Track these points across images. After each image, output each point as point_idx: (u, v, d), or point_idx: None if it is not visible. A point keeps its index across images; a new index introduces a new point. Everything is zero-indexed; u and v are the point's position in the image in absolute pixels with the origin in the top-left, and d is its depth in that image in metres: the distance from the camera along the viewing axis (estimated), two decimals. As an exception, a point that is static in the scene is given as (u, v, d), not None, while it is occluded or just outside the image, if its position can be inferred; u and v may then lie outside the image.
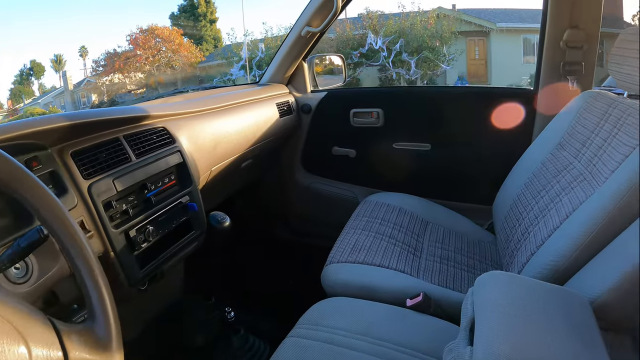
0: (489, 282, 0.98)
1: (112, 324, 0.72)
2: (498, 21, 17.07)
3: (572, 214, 1.28)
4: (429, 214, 2.01)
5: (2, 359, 0.55)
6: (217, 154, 1.86)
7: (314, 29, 2.26)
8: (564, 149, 1.55)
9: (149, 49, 22.15)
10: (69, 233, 0.75)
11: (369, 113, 2.47)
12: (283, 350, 1.23)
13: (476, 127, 2.29)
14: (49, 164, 1.18)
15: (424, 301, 1.37)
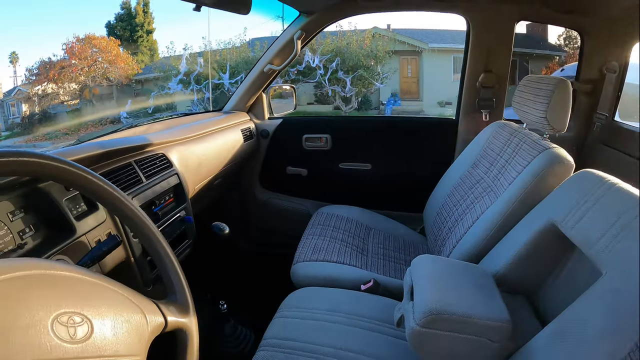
0: (421, 261, 1.39)
1: (187, 295, 0.99)
2: (430, 41, 17.21)
3: (481, 216, 1.74)
4: (371, 221, 2.37)
5: (131, 325, 0.78)
6: (200, 174, 2.12)
7: (275, 67, 2.59)
8: (477, 167, 1.98)
9: (85, 59, 20.28)
10: (154, 235, 1.00)
11: (318, 138, 2.80)
12: (273, 328, 1.56)
13: (409, 149, 2.69)
14: None
15: (374, 285, 1.79)
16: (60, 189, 1.30)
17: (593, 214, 1.21)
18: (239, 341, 2.16)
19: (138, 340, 0.79)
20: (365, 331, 1.51)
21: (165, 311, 0.89)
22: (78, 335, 0.68)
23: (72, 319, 0.68)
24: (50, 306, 0.67)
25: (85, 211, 1.37)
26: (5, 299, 0.63)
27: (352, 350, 1.41)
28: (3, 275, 0.65)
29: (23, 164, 0.78)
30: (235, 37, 18.73)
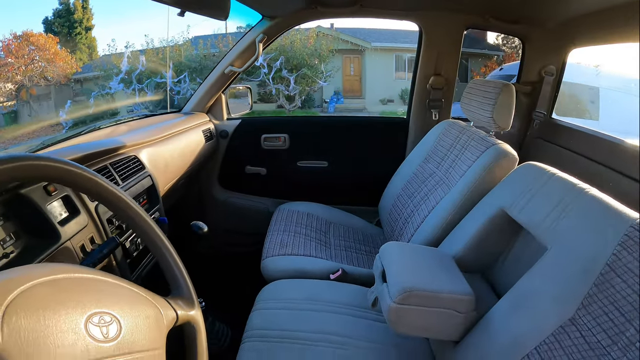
0: (389, 248, 1.54)
1: (192, 289, 1.06)
2: (373, 40, 17.57)
3: (436, 207, 1.90)
4: (331, 216, 2.50)
5: (150, 318, 0.84)
6: (167, 175, 2.16)
7: (237, 68, 2.66)
8: (429, 162, 2.14)
9: (22, 58, 19.67)
10: (156, 234, 1.03)
11: (277, 138, 2.89)
12: (254, 320, 1.65)
13: (363, 147, 2.83)
14: (62, 189, 1.39)
15: (342, 274, 1.92)
16: (42, 195, 1.32)
17: (537, 199, 1.39)
18: (218, 337, 2.20)
19: (158, 334, 0.85)
20: (341, 316, 1.64)
21: (174, 306, 0.95)
22: (110, 334, 0.72)
23: (102, 319, 0.73)
24: (82, 308, 0.71)
25: (68, 216, 1.39)
26: (48, 302, 0.67)
27: (334, 334, 1.54)
28: (34, 280, 0.68)
29: (31, 168, 0.80)
30: (179, 35, 18.37)
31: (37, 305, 0.65)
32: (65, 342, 0.65)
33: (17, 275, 0.68)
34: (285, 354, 1.46)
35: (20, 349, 0.59)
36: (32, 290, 0.66)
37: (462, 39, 2.53)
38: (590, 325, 0.98)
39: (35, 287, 0.67)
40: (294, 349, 1.48)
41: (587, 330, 0.99)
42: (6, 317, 0.60)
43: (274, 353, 1.47)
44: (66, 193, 1.41)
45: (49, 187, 1.35)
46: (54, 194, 1.36)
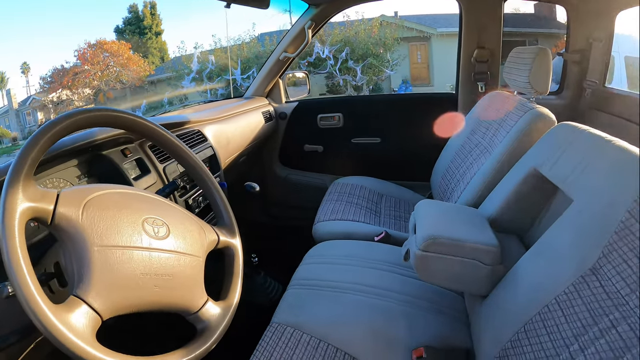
0: (423, 203, 1.64)
1: (234, 222, 1.32)
2: (438, 26, 17.09)
3: (477, 172, 1.95)
4: (383, 189, 2.59)
5: (196, 235, 1.13)
6: (229, 150, 2.39)
7: (290, 54, 2.88)
8: (475, 134, 2.17)
9: (98, 64, 20.42)
10: (207, 176, 1.32)
11: (332, 117, 3.07)
12: (299, 272, 1.82)
13: (414, 123, 2.92)
14: (136, 153, 1.66)
15: (385, 236, 2.03)
16: (119, 157, 1.58)
17: (566, 155, 1.38)
18: (269, 291, 2.41)
19: (200, 246, 1.13)
20: (379, 271, 1.75)
21: (217, 231, 1.24)
22: (160, 233, 1.03)
23: (155, 222, 1.04)
24: (142, 211, 1.04)
25: (140, 174, 1.65)
26: (115, 203, 1.00)
27: (369, 285, 1.65)
28: (108, 190, 1.03)
29: (109, 117, 1.09)
30: (245, 33, 18.55)
31: (107, 204, 0.99)
32: (124, 230, 0.97)
33: (98, 186, 1.03)
34: (323, 298, 1.61)
35: (93, 226, 0.92)
36: (106, 195, 1.01)
37: (502, 10, 2.54)
38: (610, 275, 0.96)
39: (108, 194, 1.02)
40: (331, 295, 1.62)
41: (607, 279, 0.97)
42: (85, 208, 0.94)
43: (313, 297, 1.62)
44: (139, 156, 1.68)
45: (125, 150, 1.62)
46: (129, 156, 1.63)
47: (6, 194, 0.85)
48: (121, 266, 0.92)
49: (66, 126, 0.98)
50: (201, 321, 1.08)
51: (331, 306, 1.58)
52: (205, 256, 1.16)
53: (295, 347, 1.41)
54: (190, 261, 1.08)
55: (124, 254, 0.94)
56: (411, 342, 1.40)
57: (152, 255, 0.98)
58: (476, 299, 1.46)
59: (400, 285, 1.67)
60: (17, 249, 0.81)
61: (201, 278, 1.11)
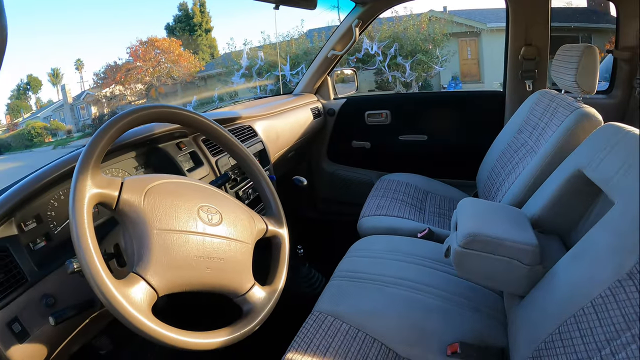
0: (465, 202, 1.65)
1: (281, 212, 1.42)
2: (488, 21, 16.68)
3: (522, 172, 1.94)
4: (428, 186, 2.59)
5: (246, 223, 1.24)
6: (278, 145, 2.47)
7: (338, 52, 2.93)
8: (522, 133, 2.15)
9: (149, 61, 21.31)
10: (257, 168, 1.42)
11: (379, 114, 3.10)
12: (343, 264, 1.87)
13: (461, 121, 2.92)
14: (190, 146, 1.79)
15: (428, 233, 2.05)
16: (174, 149, 1.71)
17: (610, 157, 1.33)
18: (313, 281, 2.48)
19: (249, 234, 1.24)
20: (420, 266, 1.78)
21: (266, 221, 1.35)
22: (214, 220, 1.14)
23: (210, 209, 1.15)
24: (198, 199, 1.15)
25: (193, 166, 1.76)
26: (174, 191, 1.12)
27: (409, 280, 1.69)
28: (167, 179, 1.15)
29: (167, 113, 1.21)
30: (293, 30, 18.63)
31: (166, 192, 1.10)
32: (181, 216, 1.08)
33: (158, 175, 1.16)
34: (364, 290, 1.66)
35: (153, 211, 1.04)
36: (165, 184, 1.13)
37: (550, 5, 2.48)
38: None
39: (167, 182, 1.14)
40: (372, 287, 1.67)
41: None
42: (147, 195, 1.06)
43: (355, 288, 1.67)
44: (193, 149, 1.79)
45: (180, 144, 1.74)
46: (183, 149, 1.75)
47: (76, 180, 0.96)
48: (177, 248, 1.03)
49: (131, 120, 1.10)
50: (247, 303, 1.18)
51: (371, 298, 1.62)
52: (254, 243, 1.25)
53: (335, 335, 1.46)
54: (240, 247, 1.17)
55: (180, 238, 1.05)
56: (447, 337, 1.43)
57: (206, 240, 1.09)
58: (514, 298, 1.47)
59: (440, 282, 1.69)
60: (85, 230, 0.91)
61: (249, 263, 1.21)
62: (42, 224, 1.24)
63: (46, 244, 1.23)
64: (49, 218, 1.26)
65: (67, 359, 1.29)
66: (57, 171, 1.25)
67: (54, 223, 1.27)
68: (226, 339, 1.06)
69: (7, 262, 1.11)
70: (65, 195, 1.31)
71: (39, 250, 1.21)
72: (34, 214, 1.22)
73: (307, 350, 1.40)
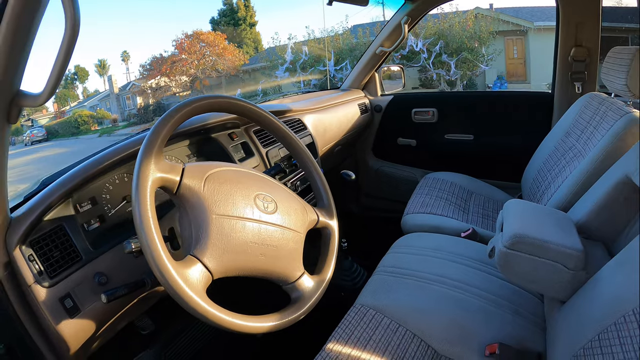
0: (511, 203, 1.62)
1: (332, 205, 1.45)
2: (535, 20, 16.45)
3: (569, 175, 1.91)
4: (473, 187, 2.58)
5: (300, 213, 1.28)
6: (326, 139, 2.50)
7: (386, 48, 2.94)
8: (570, 136, 2.11)
9: (194, 53, 22.26)
10: (306, 154, 1.46)
11: (426, 112, 3.09)
12: (386, 259, 1.89)
13: (508, 122, 2.89)
14: (241, 137, 1.84)
15: (472, 233, 2.05)
16: (226, 139, 1.77)
17: None
18: (354, 275, 2.48)
19: (302, 224, 1.27)
20: (463, 266, 1.78)
21: (317, 212, 1.38)
22: (269, 209, 1.18)
23: (266, 198, 1.19)
24: (254, 187, 1.19)
25: (244, 157, 1.82)
26: (232, 179, 1.16)
27: (451, 278, 1.70)
28: (225, 167, 1.20)
29: (224, 103, 1.26)
30: (338, 25, 18.68)
31: (224, 179, 1.15)
32: (239, 202, 1.13)
33: (216, 163, 1.21)
34: (407, 286, 1.68)
35: (212, 196, 1.09)
36: (223, 171, 1.18)
37: (601, 5, 2.41)
38: None
39: (225, 170, 1.19)
40: (414, 284, 1.69)
41: None
42: (207, 181, 1.11)
43: (397, 284, 1.69)
44: (244, 140, 1.85)
45: (232, 134, 1.80)
46: (235, 139, 1.81)
47: (140, 164, 1.01)
48: (234, 234, 1.07)
49: (193, 109, 1.15)
50: (296, 291, 1.22)
51: (414, 294, 1.64)
52: (305, 233, 1.29)
53: (375, 328, 1.49)
54: (293, 236, 1.21)
55: (237, 224, 1.09)
56: (486, 338, 1.43)
57: (261, 227, 1.13)
58: (555, 303, 1.45)
59: (482, 282, 1.69)
60: (148, 212, 0.96)
61: (300, 252, 1.25)
62: (96, 206, 1.32)
63: (100, 225, 1.31)
64: (104, 201, 1.34)
65: (113, 335, 1.34)
66: (115, 156, 1.32)
67: (108, 206, 1.35)
68: (274, 324, 1.09)
69: (63, 240, 1.19)
70: (120, 180, 1.38)
71: (93, 230, 1.28)
72: (89, 196, 1.30)
73: (347, 341, 1.43)
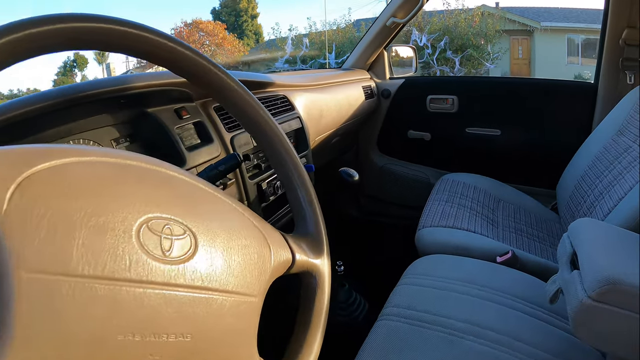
0: (583, 224, 1.10)
1: (322, 231, 0.76)
2: (542, 20, 16.68)
3: (635, 186, 1.44)
4: (500, 192, 2.14)
5: (251, 257, 0.57)
6: (321, 126, 2.03)
7: (399, 20, 2.44)
8: (624, 135, 1.70)
9: (193, 43, 21.98)
10: (288, 152, 0.77)
11: (444, 99, 2.61)
12: (398, 295, 1.36)
13: (542, 116, 2.43)
14: (196, 115, 1.28)
15: (512, 258, 1.54)
16: (171, 117, 1.20)
17: None
18: (353, 308, 2.03)
19: (257, 275, 0.58)
20: (508, 309, 1.28)
21: (293, 247, 0.68)
22: (174, 251, 0.46)
23: (169, 228, 0.47)
24: (143, 206, 0.46)
25: (198, 144, 1.26)
26: (87, 183, 0.43)
27: (491, 329, 1.19)
28: (85, 157, 0.45)
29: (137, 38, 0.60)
30: (340, 18, 19.17)
31: (67, 186, 0.42)
32: (95, 240, 0.40)
33: (59, 148, 0.45)
34: (429, 342, 1.15)
35: (27, 230, 0.37)
36: (68, 167, 0.43)
37: None
38: None
39: (72, 164, 0.44)
40: (441, 337, 1.16)
41: None
42: (21, 190, 0.38)
43: (417, 337, 1.17)
44: (199, 119, 1.29)
45: (180, 111, 1.23)
46: (185, 117, 1.24)
47: None
48: (79, 317, 0.38)
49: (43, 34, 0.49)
50: None
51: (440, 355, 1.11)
52: (264, 293, 0.60)
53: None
54: (235, 304, 0.53)
55: (86, 291, 0.39)
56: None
57: (152, 298, 0.43)
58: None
59: (533, 333, 1.18)
60: None
61: (253, 330, 0.57)
62: None
63: None
64: None
65: None
66: None
67: None
68: None
69: None
70: None
71: None
72: None
73: None
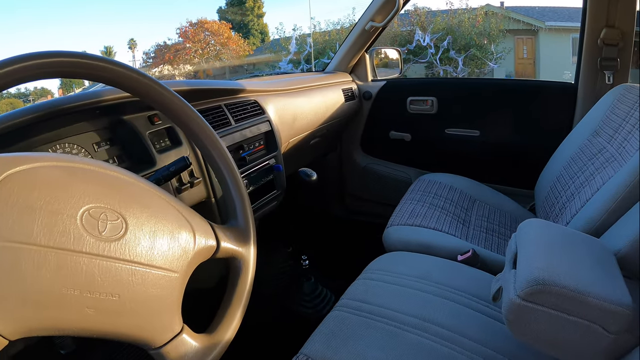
0: (530, 225, 1.16)
1: (249, 222, 0.94)
2: (547, 20, 16.55)
3: (602, 187, 1.47)
4: (477, 193, 2.17)
5: (175, 240, 0.74)
6: (295, 128, 2.09)
7: (377, 23, 2.49)
8: (599, 135, 1.72)
9: (198, 42, 22.35)
10: (222, 154, 0.96)
11: (424, 101, 2.64)
12: (354, 289, 1.43)
13: (521, 116, 2.45)
14: (167, 121, 1.38)
15: (472, 256, 1.58)
16: (145, 124, 1.32)
17: None
18: (317, 301, 2.09)
19: (179, 257, 0.75)
20: (455, 304, 1.33)
21: (220, 235, 0.85)
22: (107, 232, 0.66)
23: (105, 215, 0.67)
24: (86, 198, 0.66)
25: (169, 146, 1.38)
26: (50, 183, 0.64)
27: (438, 324, 1.24)
28: (58, 163, 0.67)
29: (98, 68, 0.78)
30: (345, 18, 19.10)
31: (36, 183, 0.63)
32: (50, 221, 0.61)
33: (36, 155, 0.66)
34: (373, 331, 1.22)
35: (2, 212, 0.58)
36: (41, 170, 0.65)
37: None
38: None
39: (44, 168, 0.65)
40: (385, 329, 1.22)
41: None
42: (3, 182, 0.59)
43: (362, 327, 1.24)
44: (170, 125, 1.41)
45: (152, 117, 1.36)
46: (157, 123, 1.36)
47: None
48: (33, 273, 0.59)
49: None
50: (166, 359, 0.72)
51: (382, 345, 1.17)
52: (187, 271, 0.78)
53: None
54: (157, 278, 0.71)
55: (40, 257, 0.59)
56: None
57: (88, 264, 0.63)
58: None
59: (479, 330, 1.23)
60: None
61: (176, 300, 0.74)
62: None
63: None
64: None
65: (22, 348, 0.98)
66: None
67: None
68: None
69: None
70: None
71: None
72: None
73: None
